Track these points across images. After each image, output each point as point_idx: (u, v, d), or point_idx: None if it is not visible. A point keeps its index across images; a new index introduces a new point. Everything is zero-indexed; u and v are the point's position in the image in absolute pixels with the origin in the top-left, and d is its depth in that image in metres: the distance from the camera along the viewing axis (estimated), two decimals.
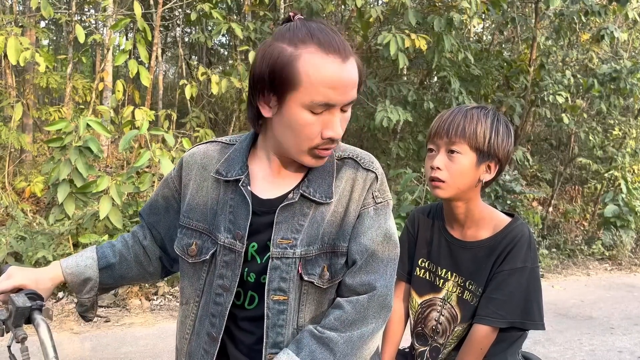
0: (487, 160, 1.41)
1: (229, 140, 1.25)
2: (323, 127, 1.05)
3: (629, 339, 4.32)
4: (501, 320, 1.40)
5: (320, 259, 1.11)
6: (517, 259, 1.41)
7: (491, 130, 1.39)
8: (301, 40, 1.02)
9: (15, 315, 1.06)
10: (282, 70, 1.01)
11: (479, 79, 7.16)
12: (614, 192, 7.60)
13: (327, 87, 1.01)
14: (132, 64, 4.97)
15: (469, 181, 1.41)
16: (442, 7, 6.43)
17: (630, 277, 6.59)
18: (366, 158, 1.17)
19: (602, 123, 8.17)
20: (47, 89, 6.93)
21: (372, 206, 1.14)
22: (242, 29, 6.10)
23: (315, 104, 1.02)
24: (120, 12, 6.80)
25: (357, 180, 1.14)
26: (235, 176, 1.14)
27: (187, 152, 1.25)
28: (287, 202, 1.11)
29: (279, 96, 1.04)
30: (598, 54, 8.00)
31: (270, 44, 1.05)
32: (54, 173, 4.34)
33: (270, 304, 1.10)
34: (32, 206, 5.91)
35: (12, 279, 1.17)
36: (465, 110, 1.42)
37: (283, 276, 1.10)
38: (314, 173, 1.14)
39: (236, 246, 1.12)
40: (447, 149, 1.41)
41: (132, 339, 3.80)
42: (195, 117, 7.02)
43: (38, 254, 4.22)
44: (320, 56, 1.01)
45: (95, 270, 1.25)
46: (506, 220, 1.48)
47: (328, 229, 1.12)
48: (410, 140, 7.28)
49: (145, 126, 4.47)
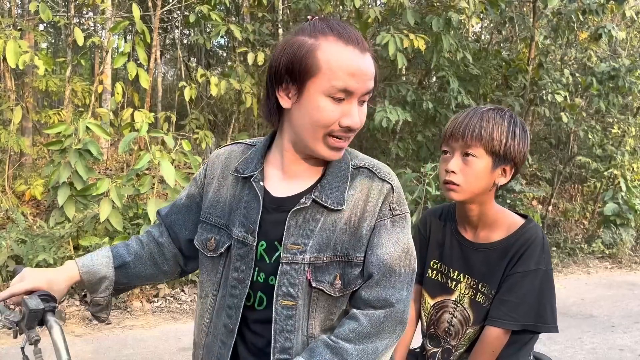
0: (503, 163, 1.39)
1: (252, 141, 1.29)
2: (341, 115, 1.08)
3: (629, 337, 4.32)
4: (514, 322, 1.39)
5: (331, 266, 1.12)
6: (531, 261, 1.40)
7: (508, 133, 1.37)
8: (321, 32, 1.07)
9: (29, 318, 1.06)
10: (302, 59, 1.06)
11: (477, 78, 7.16)
12: (613, 191, 7.60)
13: (346, 74, 1.05)
14: (131, 66, 4.97)
15: (484, 185, 1.39)
16: (440, 7, 6.43)
17: (631, 275, 6.60)
18: (383, 169, 1.18)
19: (601, 121, 8.17)
20: (47, 92, 6.94)
21: (389, 218, 1.14)
22: (240, 31, 6.11)
23: (334, 89, 1.05)
24: (119, 14, 6.80)
25: (372, 190, 1.14)
26: (250, 172, 1.18)
27: (214, 152, 1.31)
28: (300, 206, 1.12)
29: (299, 85, 1.07)
30: (596, 52, 8.00)
31: (290, 39, 1.10)
32: (54, 176, 4.34)
33: (278, 309, 1.11)
34: (33, 209, 5.91)
35: (25, 280, 1.17)
36: (482, 112, 1.40)
37: (292, 281, 1.11)
38: (327, 178, 1.15)
39: (248, 240, 1.15)
40: (462, 152, 1.39)
41: (134, 341, 3.80)
42: (195, 118, 7.03)
43: (39, 257, 4.22)
44: (340, 45, 1.06)
45: (111, 268, 1.25)
46: (519, 222, 1.46)
47: (341, 237, 1.12)
48: (410, 140, 7.28)
49: (144, 128, 4.47)
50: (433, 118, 6.95)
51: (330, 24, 1.09)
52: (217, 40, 8.78)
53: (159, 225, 1.35)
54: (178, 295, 4.66)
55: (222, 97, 7.04)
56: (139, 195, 4.79)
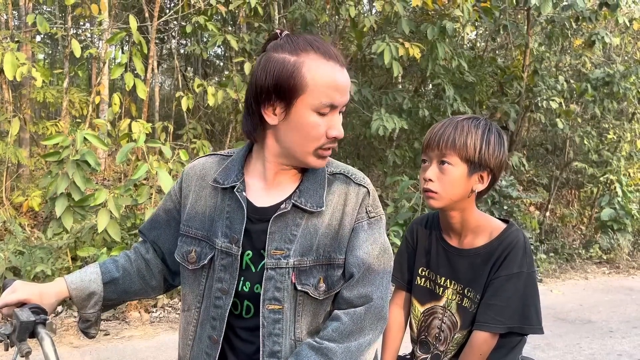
0: (479, 170, 1.42)
1: (226, 152, 1.30)
2: (327, 127, 1.13)
3: (628, 342, 4.33)
4: (500, 325, 1.41)
5: (315, 270, 1.15)
6: (514, 264, 1.42)
7: (482, 141, 1.40)
8: (302, 49, 1.10)
9: (20, 330, 1.06)
10: (288, 78, 1.09)
11: (473, 85, 7.21)
12: (609, 196, 7.63)
13: (331, 89, 1.10)
14: (128, 77, 4.99)
15: (461, 191, 1.43)
16: (435, 15, 6.48)
17: (629, 280, 6.61)
18: (357, 174, 1.23)
19: (597, 127, 8.21)
20: (44, 103, 6.96)
21: (366, 220, 1.19)
22: (237, 41, 6.14)
23: (322, 105, 1.10)
24: (116, 25, 6.84)
25: (349, 194, 1.19)
26: (231, 183, 1.19)
27: (188, 166, 1.31)
28: (280, 211, 1.15)
29: (286, 102, 1.10)
30: (591, 58, 8.06)
31: (270, 57, 1.11)
32: (51, 187, 4.34)
33: (265, 313, 1.13)
34: (30, 220, 5.90)
35: (16, 292, 1.18)
36: (457, 122, 1.43)
37: (277, 286, 1.13)
38: (305, 184, 1.19)
39: (232, 249, 1.16)
40: (439, 160, 1.42)
41: (132, 352, 3.79)
42: (192, 128, 7.05)
43: (37, 269, 4.22)
44: (323, 62, 1.10)
45: (99, 284, 1.26)
46: (501, 226, 1.49)
47: (323, 240, 1.16)
48: (407, 148, 7.31)
49: (142, 139, 4.48)
50: (429, 125, 6.93)
51: (308, 39, 1.12)
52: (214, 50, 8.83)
53: (143, 242, 1.37)
54: (176, 305, 4.65)
55: (219, 107, 7.06)
56: (137, 205, 4.79)
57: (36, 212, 5.91)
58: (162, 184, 4.26)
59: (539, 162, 9.12)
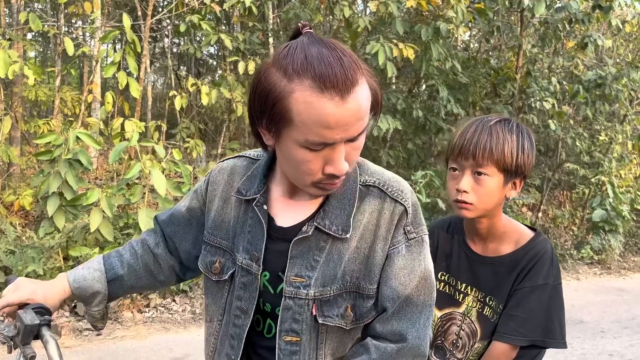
0: (514, 178, 1.37)
1: (256, 155, 1.18)
2: (325, 162, 0.94)
3: (619, 343, 4.36)
4: (521, 338, 1.37)
5: (340, 298, 1.03)
6: (539, 276, 1.37)
7: (518, 148, 1.34)
8: (296, 71, 0.88)
9: (24, 333, 1.03)
10: (274, 105, 0.91)
11: (466, 86, 7.23)
12: (601, 197, 7.68)
13: (322, 128, 0.89)
14: (121, 75, 4.96)
15: (496, 201, 1.37)
16: (429, 16, 6.50)
17: (620, 280, 6.66)
18: (395, 186, 1.06)
19: (589, 129, 8.26)
20: (36, 101, 6.90)
21: (404, 244, 1.03)
22: (231, 40, 6.13)
23: (309, 143, 0.91)
24: (109, 24, 6.80)
25: (383, 214, 1.03)
26: (252, 195, 1.08)
27: (216, 167, 1.21)
28: (302, 235, 1.03)
29: (275, 130, 0.95)
30: (583, 60, 8.11)
31: (267, 70, 0.94)
32: (43, 186, 4.31)
33: (282, 345, 1.04)
34: (22, 220, 5.86)
35: (18, 291, 1.14)
36: (490, 127, 1.35)
37: (295, 317, 1.03)
38: (331, 202, 1.04)
39: (252, 268, 1.07)
40: (474, 170, 1.35)
41: (125, 352, 3.77)
42: (185, 127, 7.02)
43: (28, 268, 4.19)
44: (315, 94, 0.87)
45: (103, 283, 1.21)
46: (529, 235, 1.43)
47: (350, 267, 1.02)
48: (400, 148, 7.32)
49: (135, 138, 4.46)
50: (423, 126, 6.99)
51: (309, 56, 0.88)
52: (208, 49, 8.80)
53: (154, 234, 1.28)
54: (169, 305, 4.63)
55: (213, 106, 7.05)
56: (130, 204, 4.77)
57: (27, 211, 5.87)
58: (155, 184, 4.24)
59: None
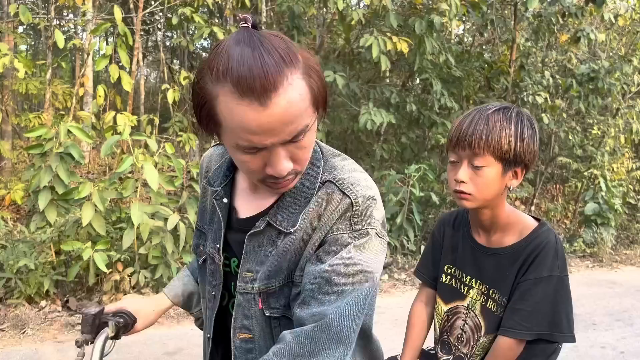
0: (514, 167, 1.33)
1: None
2: (265, 163, 0.91)
3: (611, 335, 4.39)
4: (526, 332, 1.33)
5: (287, 288, 1.00)
6: (543, 267, 1.33)
7: (516, 136, 1.30)
8: (219, 75, 0.84)
9: (82, 322, 1.21)
10: (202, 107, 0.88)
11: (460, 80, 7.23)
12: (593, 190, 7.72)
13: (247, 133, 0.86)
14: (113, 68, 4.92)
15: (496, 191, 1.34)
16: (422, 9, 6.48)
17: (612, 273, 6.70)
18: (348, 181, 0.99)
19: (581, 122, 8.29)
20: (27, 95, 6.84)
21: (347, 233, 0.96)
22: (224, 33, 6.09)
23: (241, 146, 0.89)
24: (100, 16, 6.73)
25: (329, 205, 0.97)
26: (217, 186, 1.10)
27: (203, 155, 1.25)
28: (254, 229, 1.01)
29: (210, 130, 0.93)
30: (576, 54, 8.12)
31: (202, 69, 0.89)
32: (34, 180, 4.28)
33: (236, 343, 1.04)
34: (13, 214, 5.81)
35: (118, 303, 1.28)
36: (487, 116, 1.32)
37: (245, 313, 1.03)
38: (287, 198, 1.00)
39: (215, 257, 1.09)
40: (471, 160, 1.33)
41: (118, 347, 3.72)
42: (178, 121, 6.98)
43: (20, 263, 4.15)
44: (235, 100, 0.83)
45: (193, 283, 1.33)
46: (532, 225, 1.39)
47: (294, 258, 0.99)
48: (394, 142, 7.32)
49: (127, 131, 4.43)
50: (417, 120, 7.00)
51: (231, 57, 0.83)
52: (200, 43, 8.74)
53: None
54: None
55: None
56: (122, 199, 4.74)
57: (19, 205, 5.82)
58: (147, 177, 4.21)
59: None
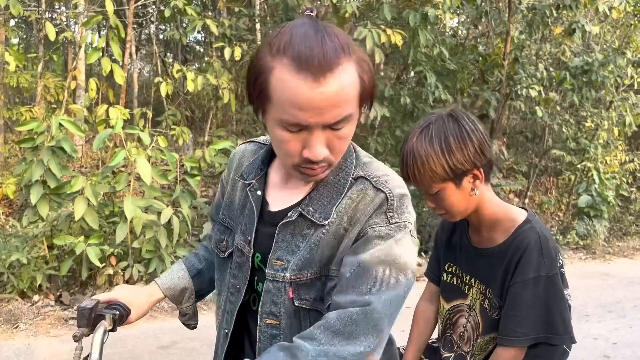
0: (465, 176, 1.30)
1: (264, 141, 1.23)
2: (303, 146, 0.95)
3: (603, 326, 4.42)
4: (522, 337, 1.30)
5: (319, 282, 1.03)
6: (529, 268, 1.30)
7: (442, 153, 1.26)
8: (279, 49, 0.90)
9: (78, 315, 1.16)
10: (257, 78, 0.93)
11: (454, 73, 7.21)
12: (587, 183, 7.75)
13: (294, 108, 0.89)
14: (105, 62, 4.88)
15: (464, 202, 1.34)
16: (417, 2, 6.46)
17: (604, 265, 6.74)
18: (382, 177, 1.04)
19: (575, 115, 8.31)
20: (18, 88, 6.78)
21: (384, 226, 0.99)
22: (217, 26, 6.04)
23: (285, 122, 0.92)
24: (92, 9, 6.67)
25: (363, 199, 1.01)
26: (250, 180, 1.14)
27: (233, 151, 1.28)
28: (286, 219, 1.04)
29: (260, 104, 0.97)
30: (570, 47, 8.12)
31: (262, 46, 0.96)
32: (26, 174, 4.25)
33: (262, 327, 1.07)
34: (5, 208, 5.78)
35: (110, 293, 1.27)
36: (412, 148, 1.30)
37: (274, 300, 1.05)
38: (319, 190, 1.04)
39: (245, 249, 1.12)
40: (427, 190, 1.35)
41: (112, 341, 3.72)
42: (171, 115, 6.94)
43: (12, 257, 4.13)
44: (291, 73, 0.88)
45: (188, 279, 1.33)
46: (519, 220, 1.36)
47: (327, 252, 1.02)
48: (389, 136, 7.31)
49: (119, 125, 4.40)
50: (411, 113, 6.98)
51: (294, 34, 0.90)
52: (194, 36, 8.70)
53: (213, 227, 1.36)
54: None
55: (199, 93, 6.96)
56: (115, 192, 4.72)
57: (11, 200, 5.79)
58: (140, 171, 4.19)
59: (518, 150, 9.21)
